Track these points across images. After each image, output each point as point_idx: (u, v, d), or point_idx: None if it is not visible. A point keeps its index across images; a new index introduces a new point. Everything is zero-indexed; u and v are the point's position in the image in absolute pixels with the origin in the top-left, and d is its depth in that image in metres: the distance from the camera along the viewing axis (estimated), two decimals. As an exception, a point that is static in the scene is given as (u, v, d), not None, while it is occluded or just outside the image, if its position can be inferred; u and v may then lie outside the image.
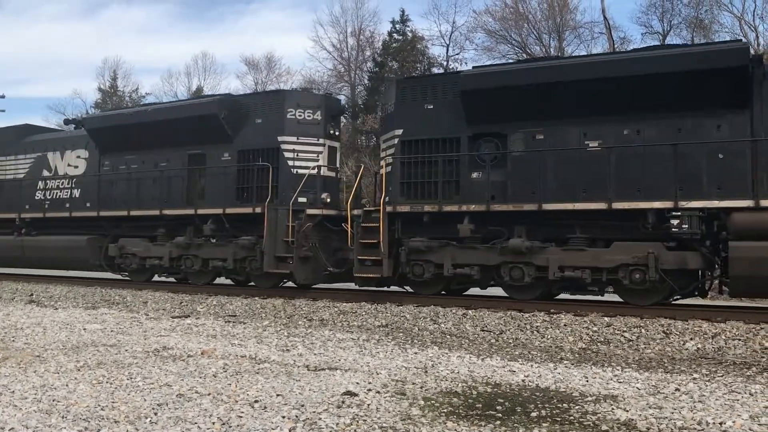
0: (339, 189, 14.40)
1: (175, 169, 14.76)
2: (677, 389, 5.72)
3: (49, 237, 16.59)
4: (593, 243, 10.57)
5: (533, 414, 4.84)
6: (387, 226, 11.84)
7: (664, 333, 8.78)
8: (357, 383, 5.73)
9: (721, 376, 6.49)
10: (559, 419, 4.73)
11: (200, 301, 12.59)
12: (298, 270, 12.70)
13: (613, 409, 5.01)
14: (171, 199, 14.70)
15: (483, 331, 9.46)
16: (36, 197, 17.20)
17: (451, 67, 37.61)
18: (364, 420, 4.56)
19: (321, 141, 13.56)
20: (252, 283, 14.22)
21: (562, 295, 11.57)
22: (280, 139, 13.40)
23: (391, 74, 36.82)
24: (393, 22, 40.51)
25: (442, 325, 9.87)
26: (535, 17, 36.46)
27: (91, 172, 16.33)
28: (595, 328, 9.15)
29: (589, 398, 5.38)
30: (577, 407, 5.07)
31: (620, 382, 6.04)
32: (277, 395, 5.22)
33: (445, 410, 4.91)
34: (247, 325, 9.91)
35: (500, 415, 4.81)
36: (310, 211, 12.88)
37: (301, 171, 13.21)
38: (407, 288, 12.43)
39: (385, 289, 12.90)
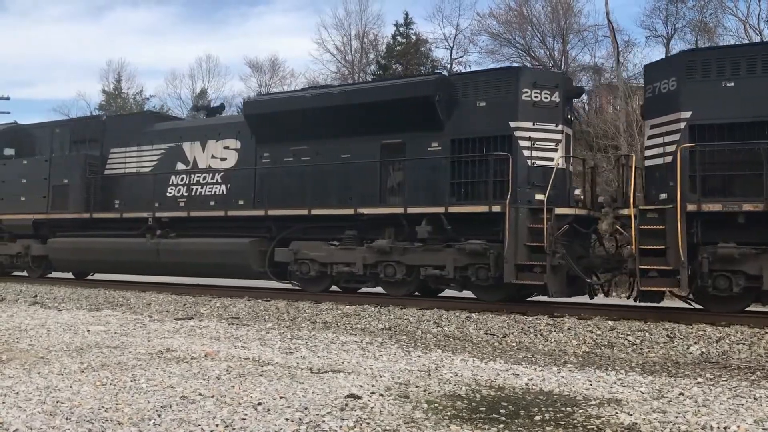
0: (572, 183, 12.31)
1: (368, 162, 12.58)
2: (681, 393, 5.71)
3: (194, 240, 14.32)
4: None
5: (537, 418, 4.83)
6: (682, 229, 9.64)
7: (668, 337, 8.76)
8: (360, 386, 5.72)
9: (726, 380, 6.47)
10: (562, 423, 4.72)
11: (204, 303, 12.61)
12: (552, 281, 10.59)
13: (617, 413, 4.99)
14: (360, 195, 12.59)
15: (486, 334, 9.45)
16: (168, 194, 15.07)
17: (455, 69, 37.62)
18: (368, 423, 4.56)
19: (559, 127, 11.49)
20: (474, 296, 12.07)
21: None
22: (512, 124, 11.29)
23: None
24: (397, 24, 40.57)
25: (446, 328, 9.86)
26: (539, 20, 36.45)
27: (244, 165, 14.13)
28: (598, 332, 9.13)
29: (593, 402, 5.37)
30: (580, 411, 5.06)
31: (624, 386, 6.03)
32: (281, 398, 5.22)
33: (449, 413, 4.90)
34: (251, 327, 9.91)
35: (504, 418, 4.80)
36: (559, 211, 10.81)
37: (538, 162, 11.21)
38: (692, 303, 10.54)
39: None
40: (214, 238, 14.11)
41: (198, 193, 14.76)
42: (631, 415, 4.92)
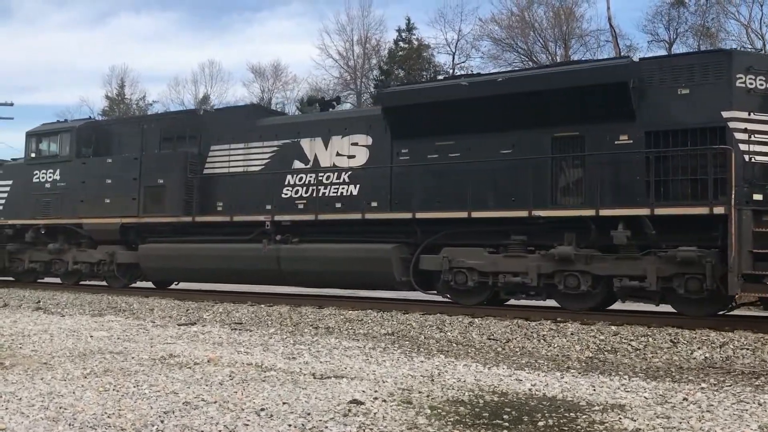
0: None
1: (538, 158, 11.16)
2: (685, 399, 5.69)
3: (325, 246, 12.84)
4: None
5: (540, 423, 4.82)
6: None
7: (671, 342, 8.74)
8: (363, 391, 5.72)
9: (730, 385, 6.45)
10: (566, 429, 4.71)
11: (206, 309, 12.61)
12: None
13: (620, 418, 4.98)
14: (525, 196, 11.09)
15: (489, 339, 9.44)
16: (284, 195, 13.57)
17: (457, 75, 37.67)
18: (371, 429, 4.55)
19: None
20: (674, 310, 10.74)
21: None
22: (726, 114, 9.95)
23: (396, 82, 36.90)
24: (399, 30, 40.72)
25: (449, 334, 9.85)
26: (541, 25, 36.57)
27: (377, 163, 12.72)
28: (602, 337, 9.11)
29: (597, 407, 5.35)
30: (584, 416, 5.04)
31: (628, 392, 6.01)
32: (284, 403, 5.21)
33: (452, 419, 4.89)
34: (253, 332, 9.91)
35: (507, 424, 4.79)
36: None
37: (757, 158, 9.90)
38: None
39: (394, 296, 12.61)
40: (344, 243, 12.61)
41: (320, 194, 13.24)
42: (635, 420, 4.91)
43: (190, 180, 14.50)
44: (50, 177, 16.62)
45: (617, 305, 11.57)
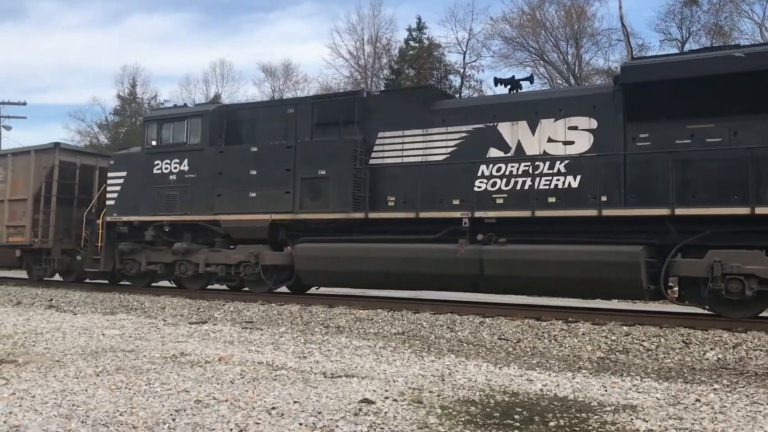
0: None
1: None
2: (698, 400, 5.66)
3: (546, 248, 10.99)
4: None
5: (551, 423, 4.80)
6: None
7: (683, 342, 8.69)
8: (374, 391, 5.72)
9: (743, 387, 6.40)
10: (577, 429, 4.69)
11: (217, 308, 12.65)
12: None
13: (632, 419, 4.96)
14: None
15: (500, 339, 9.41)
16: (477, 188, 11.70)
17: (468, 74, 37.64)
18: (381, 428, 4.55)
19: None
20: None
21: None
22: None
23: (407, 82, 36.93)
24: (409, 29, 40.71)
25: (459, 333, 9.84)
26: (552, 24, 36.46)
27: (604, 150, 10.97)
28: (613, 337, 9.07)
29: (608, 408, 5.33)
30: (595, 417, 5.02)
31: (639, 392, 5.98)
32: (294, 402, 5.22)
33: (463, 419, 4.88)
34: (264, 331, 9.94)
35: (518, 424, 4.78)
36: None
37: None
38: None
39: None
40: (574, 245, 10.81)
41: (526, 187, 11.44)
42: (647, 421, 4.88)
43: (359, 171, 12.73)
44: (176, 168, 14.62)
45: (629, 305, 11.51)
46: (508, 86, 13.13)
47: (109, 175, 15.98)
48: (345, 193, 12.65)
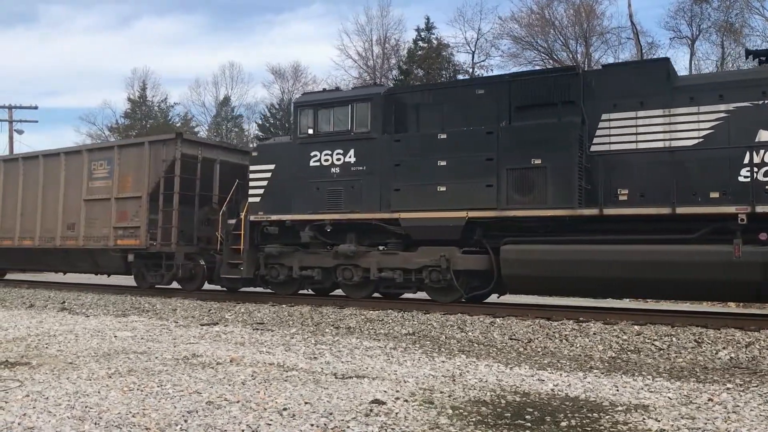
0: None
1: None
2: (710, 399, 5.63)
3: None
4: None
5: (563, 424, 4.79)
6: None
7: (695, 342, 8.64)
8: (385, 391, 5.73)
9: (756, 386, 6.36)
10: (589, 429, 4.68)
11: (228, 309, 12.69)
12: None
13: (644, 419, 4.94)
14: None
15: (511, 339, 9.40)
16: (742, 178, 9.85)
17: (477, 74, 37.61)
18: (392, 429, 4.56)
19: None
20: None
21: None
22: None
23: (416, 82, 36.91)
24: (418, 29, 40.66)
25: (470, 334, 9.83)
26: (561, 23, 36.34)
27: None
28: (624, 337, 9.04)
29: (620, 408, 5.31)
30: (607, 417, 5.01)
31: (651, 392, 5.96)
32: (306, 403, 5.24)
33: (474, 419, 4.88)
34: (275, 332, 9.96)
35: (529, 424, 4.77)
36: None
37: None
38: None
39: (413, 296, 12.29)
40: None
41: None
42: (659, 421, 4.86)
43: (585, 160, 10.92)
44: (338, 159, 12.73)
45: (640, 304, 11.44)
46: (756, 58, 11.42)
47: (252, 168, 13.76)
48: (567, 186, 10.72)
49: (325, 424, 4.62)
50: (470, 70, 39.33)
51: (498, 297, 12.69)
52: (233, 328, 10.49)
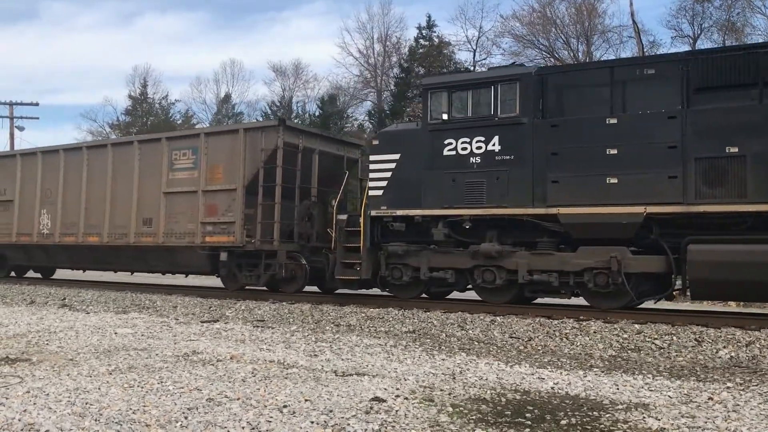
0: None
1: None
2: (710, 398, 5.63)
3: None
4: None
5: (563, 422, 4.80)
6: None
7: (696, 341, 8.64)
8: (385, 389, 5.73)
9: (756, 385, 6.36)
10: (589, 427, 4.68)
11: (229, 306, 12.70)
12: None
13: (644, 417, 4.94)
14: None
15: (511, 337, 9.40)
16: None
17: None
18: (393, 426, 4.56)
19: None
20: None
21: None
22: None
23: (417, 80, 36.89)
24: (419, 27, 40.64)
25: (470, 332, 9.83)
26: (563, 22, 36.31)
27: None
28: (625, 335, 9.04)
29: (620, 406, 5.31)
30: (607, 415, 5.01)
31: (651, 390, 5.96)
32: (306, 400, 5.24)
33: (474, 417, 4.88)
34: (275, 330, 9.97)
35: (529, 422, 4.77)
36: None
37: None
38: None
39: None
40: None
41: None
42: (659, 420, 4.86)
43: None
44: (479, 147, 11.28)
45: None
46: None
47: (373, 158, 12.49)
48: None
49: (325, 422, 4.62)
50: (471, 69, 39.28)
51: (654, 302, 11.53)
52: (234, 325, 10.49)
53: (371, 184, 12.31)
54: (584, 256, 10.56)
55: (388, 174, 12.12)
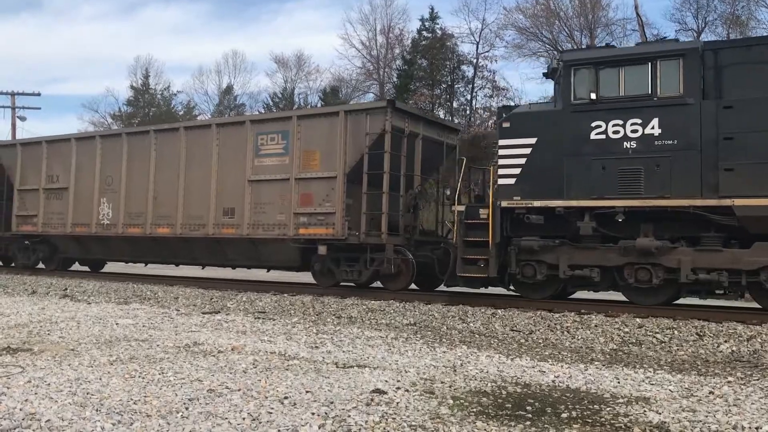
0: None
1: None
2: (711, 392, 5.63)
3: None
4: None
5: (564, 415, 4.79)
6: None
7: (697, 335, 8.64)
8: (386, 381, 5.73)
9: (757, 379, 6.36)
10: (590, 421, 4.68)
11: (230, 298, 12.71)
12: None
13: (645, 411, 4.93)
14: None
15: (512, 330, 9.40)
16: None
17: (481, 65, 37.52)
18: (393, 418, 4.56)
19: None
20: None
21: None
22: None
23: (420, 72, 36.81)
24: (422, 19, 40.44)
25: (471, 324, 9.83)
26: (566, 14, 36.15)
27: None
28: (626, 329, 9.03)
29: (621, 400, 5.31)
30: (608, 409, 5.01)
31: (652, 384, 5.96)
32: (307, 392, 5.24)
33: (475, 410, 4.88)
34: (277, 321, 9.97)
35: (530, 415, 4.77)
36: None
37: None
38: None
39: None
40: None
41: None
42: (660, 413, 4.86)
43: None
44: (634, 131, 10.19)
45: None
46: None
47: (503, 142, 11.14)
48: None
49: (326, 413, 4.62)
50: (474, 61, 39.17)
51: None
52: (235, 316, 10.50)
53: (501, 171, 11.08)
54: (763, 253, 9.44)
55: (522, 161, 10.88)
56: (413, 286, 13.22)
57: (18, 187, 18.28)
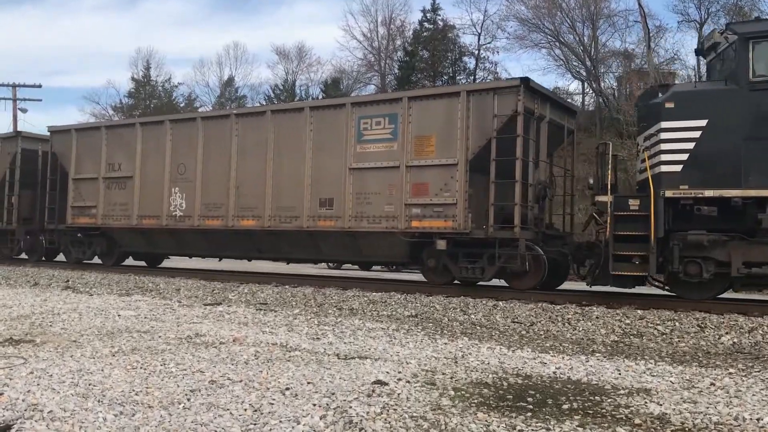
0: None
1: None
2: (712, 384, 5.63)
3: None
4: None
5: (565, 406, 4.80)
6: None
7: (698, 327, 8.64)
8: (387, 372, 5.74)
9: (758, 371, 6.36)
10: (591, 412, 4.68)
11: (232, 289, 12.72)
12: None
13: (646, 402, 4.94)
14: None
15: (514, 322, 9.41)
16: None
17: (482, 56, 37.42)
18: (395, 409, 4.57)
19: None
20: None
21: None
22: None
23: (421, 64, 36.74)
24: (424, 10, 40.39)
25: (472, 316, 9.84)
26: (568, 5, 35.99)
27: None
28: (627, 321, 9.04)
29: (622, 391, 5.32)
30: (609, 400, 5.01)
31: (653, 376, 5.96)
32: (308, 383, 5.25)
33: (476, 401, 4.89)
34: (278, 313, 9.98)
35: (531, 406, 4.78)
36: None
37: None
38: None
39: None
40: None
41: None
42: (661, 405, 4.86)
43: None
44: None
45: (644, 289, 11.42)
46: None
47: (666, 125, 9.98)
48: None
49: (327, 404, 4.63)
50: (476, 52, 39.07)
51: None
52: (236, 308, 10.51)
53: (664, 157, 9.94)
54: None
55: (690, 145, 9.78)
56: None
57: (73, 176, 16.91)
